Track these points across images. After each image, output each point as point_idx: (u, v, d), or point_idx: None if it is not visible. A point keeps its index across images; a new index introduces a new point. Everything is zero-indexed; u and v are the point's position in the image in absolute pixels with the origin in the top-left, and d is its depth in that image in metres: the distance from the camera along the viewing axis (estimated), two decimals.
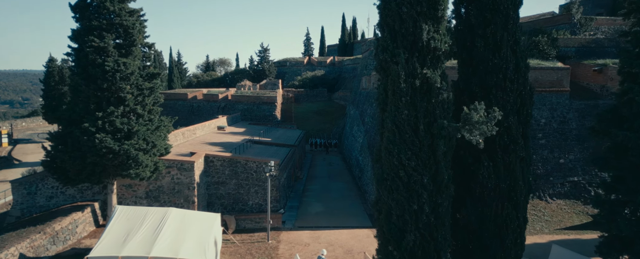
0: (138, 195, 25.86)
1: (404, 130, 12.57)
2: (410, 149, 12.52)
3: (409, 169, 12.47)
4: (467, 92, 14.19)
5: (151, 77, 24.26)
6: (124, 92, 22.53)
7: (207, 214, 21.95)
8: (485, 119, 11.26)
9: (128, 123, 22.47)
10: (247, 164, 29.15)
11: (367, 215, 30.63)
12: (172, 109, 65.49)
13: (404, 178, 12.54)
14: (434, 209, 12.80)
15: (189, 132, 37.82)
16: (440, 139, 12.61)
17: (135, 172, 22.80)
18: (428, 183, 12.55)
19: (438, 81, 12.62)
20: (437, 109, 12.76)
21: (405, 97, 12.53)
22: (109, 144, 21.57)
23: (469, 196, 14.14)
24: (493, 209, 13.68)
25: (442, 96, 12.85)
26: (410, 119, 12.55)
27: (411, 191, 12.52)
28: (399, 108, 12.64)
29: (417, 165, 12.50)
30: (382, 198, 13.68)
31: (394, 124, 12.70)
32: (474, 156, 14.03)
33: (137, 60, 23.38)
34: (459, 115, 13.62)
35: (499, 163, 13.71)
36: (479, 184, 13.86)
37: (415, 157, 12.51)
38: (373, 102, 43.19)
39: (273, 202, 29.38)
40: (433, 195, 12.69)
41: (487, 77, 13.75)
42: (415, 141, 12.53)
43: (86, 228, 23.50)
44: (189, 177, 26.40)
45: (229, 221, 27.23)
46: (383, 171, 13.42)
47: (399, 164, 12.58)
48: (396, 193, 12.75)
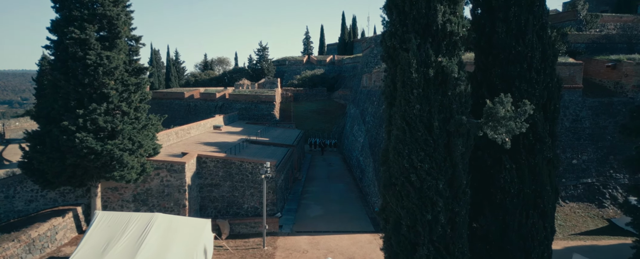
0: (125, 198, 24.01)
1: (416, 127, 10.75)
2: (423, 149, 10.70)
3: (422, 172, 10.65)
4: (486, 85, 12.36)
5: (138, 72, 22.43)
6: (108, 88, 20.70)
7: (196, 219, 20.12)
8: (513, 114, 9.44)
9: (112, 121, 20.65)
10: (242, 165, 27.31)
11: (369, 218, 28.82)
12: (168, 108, 63.70)
13: (415, 183, 10.72)
14: (451, 219, 10.98)
15: (182, 131, 35.97)
16: (458, 138, 10.79)
17: (119, 175, 20.97)
18: (444, 189, 10.74)
19: (455, 71, 10.80)
20: (454, 103, 10.94)
21: (417, 89, 10.71)
22: (91, 144, 19.75)
23: (488, 203, 12.31)
24: (516, 218, 11.85)
25: (460, 87, 11.03)
26: (422, 114, 10.73)
27: (424, 198, 10.71)
28: (410, 102, 10.81)
29: (431, 168, 10.69)
30: (390, 205, 11.87)
31: (403, 120, 10.89)
32: (494, 157, 12.21)
33: (122, 54, 21.54)
34: (476, 111, 11.83)
35: (523, 165, 11.88)
36: (499, 189, 12.03)
37: (428, 159, 10.69)
38: (374, 101, 41.38)
39: (270, 205, 27.57)
40: (450, 203, 10.87)
41: (509, 67, 11.92)
42: (428, 140, 10.71)
43: (67, 234, 21.66)
44: (180, 180, 24.57)
45: (223, 225, 25.41)
46: (391, 174, 11.61)
47: (410, 167, 10.76)
48: (406, 200, 10.94)
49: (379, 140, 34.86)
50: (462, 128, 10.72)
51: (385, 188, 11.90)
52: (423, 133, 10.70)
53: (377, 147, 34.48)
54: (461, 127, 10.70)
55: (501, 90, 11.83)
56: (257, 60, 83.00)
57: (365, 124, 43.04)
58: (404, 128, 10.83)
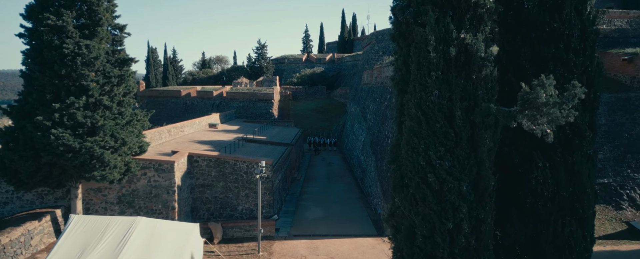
0: (108, 200, 22.06)
1: (434, 118, 8.83)
2: (443, 143, 8.78)
3: (442, 171, 8.73)
4: (512, 69, 10.41)
5: (122, 64, 20.48)
6: (87, 80, 18.76)
7: (183, 224, 18.18)
8: (557, 100, 7.54)
9: (92, 116, 18.71)
10: (236, 165, 25.39)
11: (371, 221, 26.92)
12: (164, 106, 61.84)
13: (433, 185, 8.80)
14: (475, 227, 9.06)
15: (175, 129, 34.05)
16: (484, 130, 8.87)
17: (100, 175, 19.03)
18: (468, 192, 8.82)
19: (481, 49, 8.88)
20: (480, 88, 9.02)
21: (435, 72, 8.79)
22: (68, 141, 17.82)
23: (516, 207, 10.37)
24: (551, 225, 9.91)
25: (486, 70, 9.12)
26: (442, 102, 8.82)
27: (444, 202, 8.79)
28: (427, 87, 8.90)
29: (453, 166, 8.77)
30: (401, 210, 9.95)
31: (419, 109, 8.97)
32: (522, 154, 10.26)
33: (104, 43, 19.62)
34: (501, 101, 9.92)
35: (559, 164, 9.94)
36: (530, 191, 10.08)
37: (449, 156, 8.77)
38: (376, 98, 39.49)
39: (265, 207, 25.65)
40: (474, 208, 8.96)
41: (542, 47, 9.97)
42: (449, 132, 8.79)
43: (43, 239, 19.71)
44: (168, 180, 22.63)
45: (215, 229, 23.48)
46: (402, 174, 9.70)
47: (427, 165, 8.84)
48: (422, 205, 9.02)
49: (381, 138, 32.95)
50: (489, 118, 8.81)
51: (395, 190, 10.00)
52: (442, 124, 8.78)
53: (380, 145, 32.57)
54: (489, 117, 8.79)
55: (532, 75, 9.89)
56: (256, 58, 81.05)
57: (366, 122, 41.13)
58: (419, 119, 8.91)
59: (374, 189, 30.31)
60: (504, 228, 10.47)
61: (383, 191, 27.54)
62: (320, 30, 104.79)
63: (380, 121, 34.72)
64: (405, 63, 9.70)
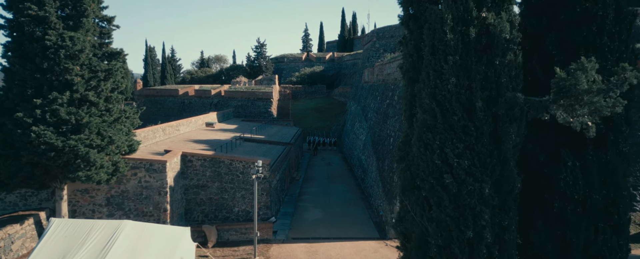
0: (96, 202, 20.79)
1: (451, 109, 7.59)
2: (462, 139, 7.54)
3: (460, 171, 7.49)
4: (537, 56, 9.16)
5: (110, 57, 19.22)
6: (72, 75, 17.49)
7: (172, 228, 16.93)
8: (603, 86, 6.30)
9: (76, 113, 17.44)
10: (232, 164, 24.12)
11: (373, 223, 25.67)
12: (161, 106, 60.62)
13: (450, 187, 7.56)
14: (498, 236, 7.81)
15: (170, 128, 32.75)
16: (509, 124, 7.62)
17: (85, 175, 17.76)
18: (490, 195, 7.57)
19: (506, 30, 7.64)
20: (503, 75, 7.77)
21: (452, 56, 7.55)
22: (50, 139, 16.55)
23: (542, 212, 9.11)
24: (582, 233, 8.66)
25: (511, 55, 7.88)
26: (460, 91, 7.57)
27: (463, 207, 7.54)
28: (443, 74, 7.65)
29: (473, 165, 7.52)
30: (411, 215, 8.71)
31: (433, 100, 7.72)
32: (548, 152, 9.00)
33: (90, 35, 18.36)
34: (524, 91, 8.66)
35: (591, 163, 8.67)
36: (557, 194, 8.82)
37: (469, 153, 7.53)
38: (377, 96, 38.25)
39: (263, 209, 24.39)
40: (497, 214, 7.71)
41: (571, 30, 8.72)
42: (468, 126, 7.55)
43: (26, 244, 18.44)
44: (160, 180, 21.36)
45: (209, 232, 22.22)
46: (413, 174, 8.45)
47: (443, 164, 7.60)
48: (437, 211, 7.77)
49: (382, 137, 31.70)
50: (515, 110, 7.57)
51: (404, 193, 8.75)
52: (461, 117, 7.54)
53: (381, 144, 31.31)
54: (514, 108, 7.55)
55: (560, 62, 8.64)
56: (255, 57, 79.80)
57: (367, 121, 39.88)
58: (433, 111, 7.67)
59: (376, 189, 29.06)
60: (527, 236, 9.18)
61: (385, 192, 26.30)
62: (320, 29, 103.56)
63: (382, 119, 33.47)
64: (417, 48, 8.45)
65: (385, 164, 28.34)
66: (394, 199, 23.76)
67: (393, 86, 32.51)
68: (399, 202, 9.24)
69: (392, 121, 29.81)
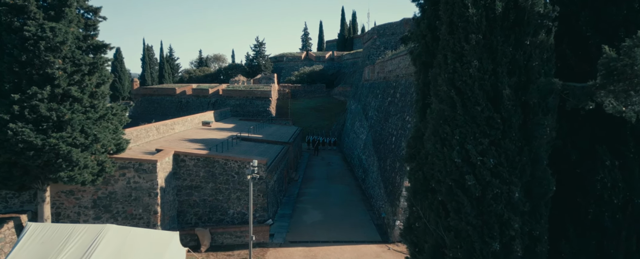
0: (82, 204, 19.53)
1: (473, 98, 6.34)
2: (486, 133, 6.30)
3: (485, 172, 6.24)
4: (567, 38, 7.93)
5: (95, 50, 17.97)
6: (53, 68, 16.24)
7: (160, 232, 15.68)
8: None
9: (58, 109, 16.18)
10: (226, 164, 22.86)
11: (374, 225, 24.40)
12: (158, 105, 59.39)
13: (473, 190, 6.31)
14: (529, 248, 6.57)
15: (165, 127, 31.47)
16: (544, 115, 6.38)
17: (68, 176, 16.49)
18: (520, 200, 6.34)
19: (539, 3, 6.40)
20: (534, 57, 6.53)
21: (475, 35, 6.30)
22: (28, 137, 15.30)
23: (574, 219, 7.87)
24: (622, 243, 7.43)
25: (542, 34, 6.64)
26: (484, 76, 6.33)
27: (489, 214, 6.29)
28: (463, 56, 6.41)
29: (500, 164, 6.28)
30: (423, 222, 7.47)
31: (451, 86, 6.48)
32: (582, 149, 7.77)
33: (73, 26, 17.09)
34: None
35: (632, 162, 7.43)
36: (593, 198, 7.58)
37: (495, 150, 6.29)
38: (378, 94, 37.01)
39: (259, 211, 23.14)
40: (527, 222, 6.47)
41: (609, 8, 7.51)
42: (494, 118, 6.31)
43: (5, 249, 17.16)
44: (150, 181, 20.09)
45: (202, 235, 20.96)
46: (426, 175, 7.21)
47: (464, 163, 6.36)
48: (456, 218, 6.53)
49: (384, 136, 30.45)
50: (550, 99, 6.34)
51: (416, 197, 7.52)
52: (485, 107, 6.30)
53: (383, 144, 30.07)
54: (549, 96, 6.32)
55: (594, 45, 7.43)
56: (254, 56, 78.55)
57: (367, 120, 38.64)
58: (452, 100, 6.43)
59: (377, 190, 27.81)
60: (557, 246, 7.93)
61: (387, 193, 25.05)
62: (319, 28, 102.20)
63: (383, 117, 32.23)
64: (431, 28, 7.21)
65: (387, 163, 27.10)
66: (397, 200, 22.52)
67: (395, 83, 31.28)
68: (408, 207, 8.00)
69: (394, 119, 28.57)
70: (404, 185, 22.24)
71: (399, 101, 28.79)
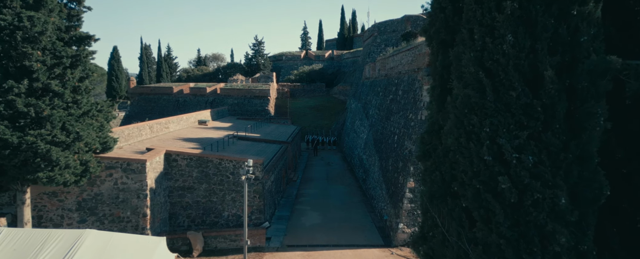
0: (66, 206, 18.24)
1: (507, 81, 5.08)
2: (524, 124, 5.03)
3: (522, 172, 4.98)
4: (610, 15, 6.65)
5: (78, 42, 16.70)
6: (31, 60, 14.97)
7: (145, 237, 14.40)
8: None
9: (36, 105, 14.92)
10: (221, 164, 21.58)
11: (376, 228, 23.13)
12: (156, 104, 58.14)
13: (507, 194, 5.05)
14: None
15: (159, 125, 30.20)
16: (596, 101, 5.14)
17: (47, 176, 15.20)
18: (567, 208, 5.09)
19: None
20: (582, 32, 5.29)
21: (510, 2, 5.07)
22: (3, 135, 14.02)
23: (619, 228, 6.61)
24: None
25: (590, 4, 5.40)
26: (520, 54, 5.07)
27: (527, 225, 5.04)
28: (495, 30, 5.15)
29: (541, 163, 5.02)
30: (440, 232, 6.21)
31: (480, 67, 5.21)
32: (629, 147, 6.51)
33: (54, 16, 15.81)
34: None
35: None
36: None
37: (535, 145, 5.03)
38: (379, 91, 35.75)
39: (255, 213, 21.87)
40: (574, 234, 5.22)
41: None
42: (533, 105, 5.05)
43: None
44: (139, 182, 18.81)
45: (194, 239, 19.69)
46: (443, 176, 5.97)
47: (496, 161, 5.09)
48: (485, 229, 5.27)
49: (385, 135, 29.18)
50: (603, 82, 5.09)
51: (432, 201, 6.27)
52: (522, 92, 5.05)
53: (384, 143, 28.80)
54: (602, 79, 5.07)
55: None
56: (253, 55, 77.26)
57: (368, 119, 37.37)
58: (480, 83, 5.18)
59: (379, 191, 26.54)
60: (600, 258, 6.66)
61: (389, 194, 23.78)
62: (319, 27, 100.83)
63: (385, 116, 30.96)
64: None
65: (389, 163, 25.83)
66: (400, 202, 21.26)
67: (397, 80, 30.02)
68: (422, 212, 6.73)
69: (396, 117, 27.31)
70: (408, 186, 20.99)
71: (401, 98, 27.53)
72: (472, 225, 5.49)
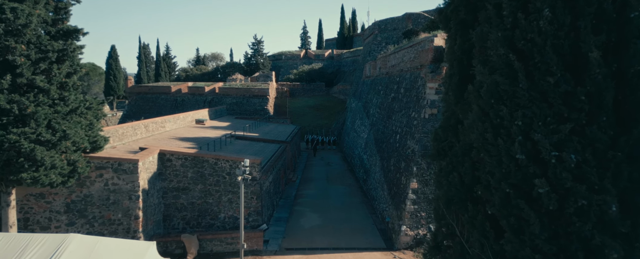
0: (54, 209, 17.35)
1: (544, 64, 4.21)
2: (564, 116, 4.18)
3: (563, 173, 4.13)
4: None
5: (65, 36, 15.81)
6: (15, 54, 14.09)
7: (133, 242, 13.50)
8: None
9: (20, 101, 14.04)
10: (217, 164, 20.69)
11: (378, 230, 22.26)
12: (153, 103, 57.27)
13: (545, 200, 4.18)
14: None
15: (154, 125, 29.30)
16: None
17: (31, 177, 14.31)
18: (617, 217, 4.22)
19: None
20: (633, 7, 4.43)
21: None
22: None
23: None
24: None
25: None
26: (559, 33, 4.22)
27: (568, 237, 4.19)
28: (528, 3, 4.30)
29: (586, 163, 4.18)
30: (458, 242, 5.36)
31: (509, 48, 4.36)
32: None
33: (39, 8, 14.94)
34: None
35: None
36: None
37: (578, 142, 4.19)
38: (380, 90, 34.87)
39: (253, 214, 20.99)
40: (626, 249, 4.36)
41: None
42: (575, 94, 4.21)
43: None
44: (131, 183, 17.92)
45: (189, 242, 18.81)
46: (462, 177, 5.12)
47: (530, 161, 4.24)
48: (516, 240, 4.39)
49: (387, 134, 28.31)
50: None
51: (449, 206, 5.42)
52: (561, 78, 4.21)
53: (386, 142, 27.93)
54: None
55: None
56: (252, 54, 76.37)
57: (369, 118, 36.50)
58: (511, 67, 4.32)
59: (380, 192, 25.67)
60: None
61: (391, 195, 22.90)
62: (318, 26, 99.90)
63: (386, 115, 30.09)
64: None
65: (391, 163, 24.95)
66: (402, 203, 20.39)
67: (398, 78, 29.16)
68: (435, 219, 5.86)
69: (398, 116, 26.43)
70: (411, 187, 20.13)
71: (403, 96, 26.66)
72: (498, 236, 4.63)
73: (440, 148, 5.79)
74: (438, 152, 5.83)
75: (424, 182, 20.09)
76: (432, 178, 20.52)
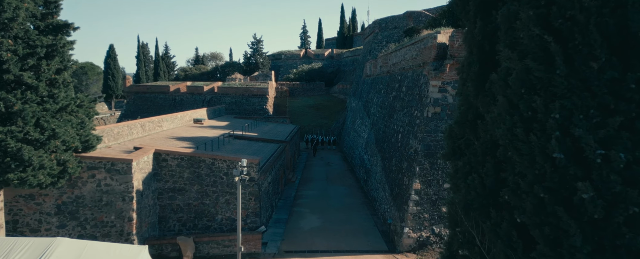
0: (44, 210, 16.65)
1: (584, 46, 3.56)
2: (610, 109, 3.54)
3: (610, 176, 3.49)
4: None
5: (54, 31, 15.13)
6: (1, 50, 13.42)
7: (124, 246, 12.80)
8: None
9: (6, 99, 13.36)
10: (214, 164, 20.03)
11: (379, 232, 21.60)
12: (152, 103, 56.59)
13: (588, 207, 3.53)
14: None
15: (151, 124, 28.60)
16: None
17: (18, 177, 13.63)
18: None
19: None
20: None
21: None
22: None
23: None
24: None
25: None
26: (603, 10, 3.57)
27: (616, 250, 3.55)
28: None
29: (637, 162, 3.54)
30: (477, 251, 4.69)
31: (544, 28, 3.71)
32: None
33: (27, 1, 14.27)
34: None
35: None
36: None
37: (628, 138, 3.54)
38: (381, 89, 34.19)
39: (250, 216, 20.32)
40: None
41: None
42: (624, 81, 3.55)
43: None
44: (125, 183, 17.24)
45: (185, 245, 18.15)
46: (483, 180, 4.46)
47: (570, 160, 3.60)
48: (551, 254, 3.74)
49: (388, 134, 27.64)
50: None
51: (467, 212, 4.76)
52: (606, 62, 3.55)
53: (387, 142, 27.26)
54: None
55: None
56: (251, 54, 75.69)
57: (369, 117, 35.82)
58: (545, 49, 3.65)
59: (381, 193, 24.99)
60: None
61: (393, 196, 22.23)
62: (318, 26, 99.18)
63: (387, 114, 29.42)
64: None
65: (393, 163, 24.28)
66: (405, 204, 19.72)
67: (400, 76, 28.48)
68: (450, 225, 5.19)
69: (400, 115, 25.77)
70: (413, 187, 19.45)
71: (405, 95, 25.99)
72: (528, 247, 3.97)
73: (456, 146, 5.13)
74: (453, 151, 5.17)
75: (427, 182, 19.44)
76: (435, 179, 19.84)
